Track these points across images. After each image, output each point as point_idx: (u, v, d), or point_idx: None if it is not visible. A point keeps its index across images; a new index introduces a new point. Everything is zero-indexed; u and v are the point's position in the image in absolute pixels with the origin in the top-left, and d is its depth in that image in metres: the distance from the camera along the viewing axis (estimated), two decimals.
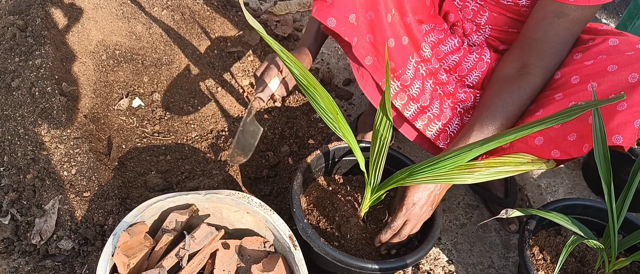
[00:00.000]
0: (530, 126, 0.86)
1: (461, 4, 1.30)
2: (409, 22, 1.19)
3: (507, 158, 1.03)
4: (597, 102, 0.79)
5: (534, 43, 1.15)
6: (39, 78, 1.40)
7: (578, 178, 1.74)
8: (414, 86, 1.26)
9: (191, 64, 1.73)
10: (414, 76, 1.25)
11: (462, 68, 1.32)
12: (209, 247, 1.12)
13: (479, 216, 1.59)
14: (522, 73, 1.18)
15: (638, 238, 1.10)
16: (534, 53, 1.16)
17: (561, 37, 1.13)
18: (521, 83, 1.16)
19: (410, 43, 1.22)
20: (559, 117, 0.83)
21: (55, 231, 1.23)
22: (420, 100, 1.28)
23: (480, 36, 1.34)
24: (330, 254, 1.10)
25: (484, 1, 1.25)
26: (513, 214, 1.00)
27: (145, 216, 1.11)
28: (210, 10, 1.86)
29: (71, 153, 1.32)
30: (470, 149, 0.94)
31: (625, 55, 1.05)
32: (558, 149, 1.09)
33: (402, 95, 1.25)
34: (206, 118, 1.67)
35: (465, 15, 1.32)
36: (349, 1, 1.09)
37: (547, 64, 1.16)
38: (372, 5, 1.12)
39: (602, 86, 1.04)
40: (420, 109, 1.28)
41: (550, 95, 1.15)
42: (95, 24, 1.61)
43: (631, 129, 0.99)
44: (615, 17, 2.49)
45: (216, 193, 1.15)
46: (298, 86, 1.07)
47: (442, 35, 1.32)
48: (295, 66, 1.00)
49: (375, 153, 1.09)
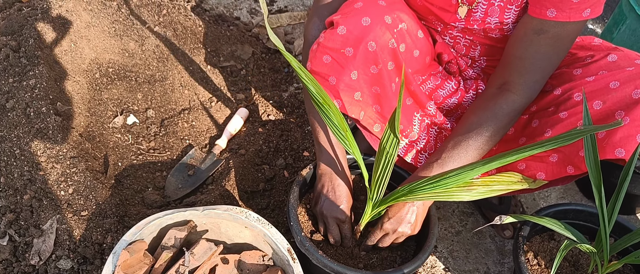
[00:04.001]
0: (530, 148, 0.89)
1: (452, 42, 1.30)
2: (413, 89, 1.24)
3: (500, 177, 1.05)
4: (593, 127, 0.82)
5: (515, 60, 1.14)
6: (34, 98, 1.40)
7: (570, 183, 1.76)
8: (421, 140, 1.32)
9: (184, 79, 1.74)
10: (420, 129, 1.30)
11: (462, 107, 1.35)
12: (208, 262, 1.13)
13: (473, 223, 1.61)
14: (502, 90, 1.17)
15: (629, 241, 1.12)
16: (514, 70, 1.15)
17: (542, 54, 1.11)
18: (498, 100, 1.16)
19: (415, 103, 1.28)
20: (559, 141, 0.86)
21: (54, 251, 1.23)
22: (427, 149, 1.34)
23: (475, 69, 1.35)
24: (329, 266, 1.12)
25: (472, 36, 1.25)
26: (507, 220, 1.02)
27: (144, 234, 1.12)
28: (203, 26, 1.88)
29: (68, 172, 1.32)
30: (472, 168, 0.97)
31: (626, 71, 1.07)
32: (572, 165, 1.11)
33: (411, 150, 1.32)
34: (201, 133, 1.68)
35: (459, 52, 1.32)
36: (354, 82, 1.14)
37: (527, 81, 1.14)
38: (378, 81, 1.16)
39: (608, 103, 1.06)
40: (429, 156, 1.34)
41: (554, 113, 1.15)
42: (87, 42, 1.62)
43: (634, 142, 1.01)
44: (601, 23, 2.53)
45: (214, 209, 1.16)
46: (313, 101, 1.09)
47: (438, 81, 1.34)
48: (311, 84, 1.02)
49: (380, 169, 1.10)
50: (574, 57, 1.22)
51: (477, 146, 1.15)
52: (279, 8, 2.31)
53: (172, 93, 1.71)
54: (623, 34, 1.88)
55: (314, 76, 1.12)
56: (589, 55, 1.19)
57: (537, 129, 1.19)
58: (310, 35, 1.23)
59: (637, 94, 1.03)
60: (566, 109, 1.13)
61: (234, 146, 1.64)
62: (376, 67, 1.13)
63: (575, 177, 1.16)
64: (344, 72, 1.12)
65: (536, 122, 1.21)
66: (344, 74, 1.12)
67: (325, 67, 1.12)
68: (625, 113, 1.03)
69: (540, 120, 1.20)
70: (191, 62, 1.79)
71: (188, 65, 1.78)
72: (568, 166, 1.12)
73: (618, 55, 1.13)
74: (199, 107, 1.72)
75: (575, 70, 1.17)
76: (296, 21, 2.23)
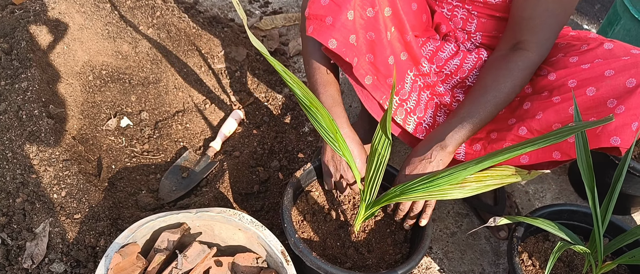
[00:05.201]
0: (522, 146, 0.89)
1: (450, 14, 1.33)
2: (408, 40, 1.22)
3: (493, 171, 1.05)
4: (584, 124, 0.82)
5: (524, 21, 1.17)
6: (26, 101, 1.40)
7: (565, 183, 1.77)
8: (411, 99, 1.28)
9: (178, 81, 1.74)
10: (411, 89, 1.28)
11: (463, 70, 1.35)
12: (201, 265, 1.13)
13: (468, 224, 1.61)
14: (515, 49, 1.19)
15: (624, 241, 1.12)
16: (525, 30, 1.17)
17: (551, 11, 1.14)
18: (513, 57, 1.18)
19: (409, 58, 1.25)
20: (551, 139, 0.86)
21: (46, 254, 1.23)
22: (417, 111, 1.30)
23: (472, 45, 1.37)
24: (323, 268, 1.11)
25: (471, 5, 1.27)
26: (501, 222, 1.02)
27: (137, 237, 1.11)
28: (196, 28, 1.88)
29: (60, 175, 1.31)
30: (464, 168, 0.96)
31: (622, 60, 1.09)
32: (559, 150, 1.14)
33: (400, 110, 1.28)
34: (195, 135, 1.67)
35: (456, 25, 1.35)
36: (350, 23, 1.10)
37: (539, 39, 1.16)
38: (373, 26, 1.14)
39: (601, 91, 1.08)
40: (418, 121, 1.31)
41: (548, 97, 1.17)
42: (80, 44, 1.62)
43: (629, 131, 1.03)
44: (595, 23, 2.53)
45: (207, 211, 1.16)
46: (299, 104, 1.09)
47: (438, 43, 1.35)
48: (297, 87, 1.01)
49: (372, 171, 1.10)
50: (570, 46, 1.23)
51: (495, 103, 1.16)
52: (274, 10, 2.31)
53: (166, 95, 1.71)
54: (617, 34, 1.89)
55: (312, 23, 1.10)
56: (585, 44, 1.20)
57: (529, 112, 1.20)
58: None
59: (632, 83, 1.05)
60: (560, 94, 1.15)
61: (228, 148, 1.64)
62: (373, 9, 1.11)
63: (563, 162, 1.17)
64: (341, 11, 1.09)
65: (528, 104, 1.22)
66: (340, 13, 1.09)
67: (323, 8, 1.10)
68: (620, 102, 1.05)
69: (532, 102, 1.21)
70: (185, 64, 1.79)
71: (182, 67, 1.77)
72: (554, 152, 1.14)
73: (615, 44, 1.15)
74: (193, 109, 1.72)
75: (571, 57, 1.19)
76: (291, 23, 2.23)
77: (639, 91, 1.04)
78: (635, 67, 1.07)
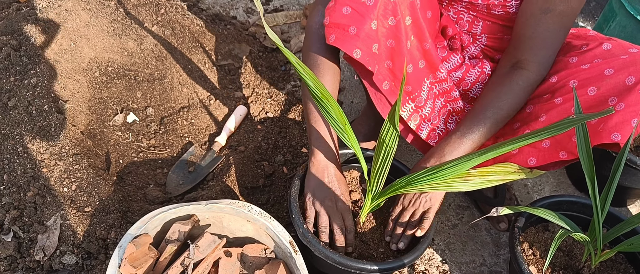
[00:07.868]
0: (524, 138, 0.91)
1: (456, 17, 1.36)
2: (428, 48, 1.25)
3: (497, 168, 1.08)
4: (584, 116, 0.85)
5: (525, 40, 1.21)
6: (36, 96, 1.42)
7: (562, 176, 1.80)
8: (426, 106, 1.33)
9: (183, 78, 1.76)
10: (428, 96, 1.32)
11: (465, 83, 1.39)
12: (212, 255, 1.15)
13: (469, 216, 1.64)
14: (515, 68, 1.23)
15: (621, 230, 1.16)
16: (525, 49, 1.21)
17: (551, 32, 1.18)
18: (513, 77, 1.22)
19: (427, 66, 1.29)
20: (552, 130, 0.88)
21: (58, 246, 1.25)
22: (431, 118, 1.35)
23: (477, 47, 1.39)
24: (331, 257, 1.14)
25: (476, 12, 1.30)
26: (503, 212, 1.05)
27: (148, 228, 1.14)
28: (200, 25, 1.90)
29: (70, 169, 1.34)
30: (468, 159, 0.99)
31: (620, 59, 1.13)
32: (565, 150, 1.16)
33: (415, 116, 1.32)
34: (200, 131, 1.70)
35: (461, 27, 1.37)
36: (373, 32, 1.12)
37: (539, 58, 1.21)
38: (394, 35, 1.16)
39: (602, 90, 1.11)
40: (431, 127, 1.36)
41: (550, 99, 1.20)
42: (87, 41, 1.64)
43: (629, 127, 1.06)
44: (591, 20, 2.57)
45: (217, 203, 1.18)
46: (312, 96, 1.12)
47: (445, 53, 1.38)
48: (310, 78, 1.04)
49: (379, 162, 1.13)
50: (570, 46, 1.27)
51: (495, 119, 1.20)
52: (275, 7, 2.34)
53: (171, 91, 1.73)
54: (613, 31, 1.92)
55: (333, 31, 1.13)
56: (584, 44, 1.23)
57: (532, 115, 1.23)
58: (315, 21, 1.24)
59: (631, 81, 1.08)
60: (561, 95, 1.18)
61: (233, 143, 1.66)
62: (394, 18, 1.14)
63: (568, 162, 1.20)
64: (364, 21, 1.11)
65: (531, 107, 1.25)
66: (364, 23, 1.11)
67: (345, 18, 1.12)
68: (620, 99, 1.08)
69: (535, 105, 1.24)
70: (189, 61, 1.81)
71: (186, 64, 1.80)
72: (561, 152, 1.17)
73: (613, 44, 1.19)
74: (198, 105, 1.74)
75: (571, 58, 1.22)
76: (292, 20, 2.26)
77: (638, 88, 1.07)
78: (633, 65, 1.10)
